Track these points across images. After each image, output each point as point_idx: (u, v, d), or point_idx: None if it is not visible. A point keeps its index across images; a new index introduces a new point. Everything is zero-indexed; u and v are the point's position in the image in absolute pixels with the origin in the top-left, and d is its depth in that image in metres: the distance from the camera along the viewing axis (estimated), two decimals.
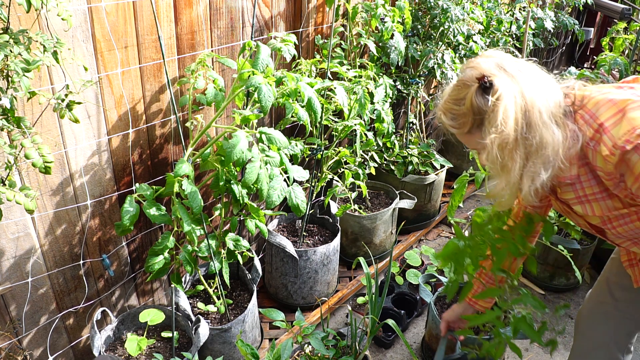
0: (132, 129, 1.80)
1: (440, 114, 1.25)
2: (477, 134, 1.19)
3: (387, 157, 2.95)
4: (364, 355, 1.94)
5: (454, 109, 1.21)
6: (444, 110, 1.24)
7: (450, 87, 1.24)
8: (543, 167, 1.16)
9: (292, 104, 1.71)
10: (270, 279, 2.53)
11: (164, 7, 1.71)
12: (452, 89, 1.23)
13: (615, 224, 1.28)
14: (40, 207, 1.64)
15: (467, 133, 1.21)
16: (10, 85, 1.18)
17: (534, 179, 1.17)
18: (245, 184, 1.58)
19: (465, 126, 1.20)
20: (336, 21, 2.37)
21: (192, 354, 1.79)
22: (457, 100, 1.21)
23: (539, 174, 1.16)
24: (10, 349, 1.69)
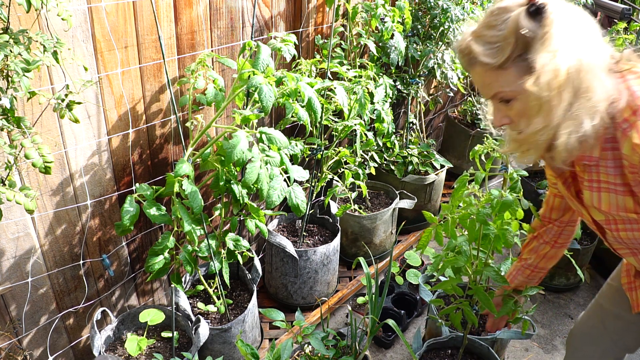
0: (132, 129, 1.80)
1: (470, 40, 1.04)
2: (511, 68, 1.00)
3: (387, 157, 2.95)
4: (364, 355, 1.94)
5: (490, 35, 1.01)
6: (477, 35, 1.03)
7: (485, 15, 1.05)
8: (588, 114, 1.00)
9: (292, 104, 1.71)
10: (270, 279, 2.53)
11: (164, 7, 1.71)
12: (487, 16, 1.04)
13: (620, 227, 1.19)
14: (40, 207, 1.64)
15: (499, 67, 1.00)
16: (10, 85, 1.18)
17: (577, 127, 1.00)
18: (246, 184, 1.58)
19: (502, 54, 0.99)
20: (336, 21, 2.37)
21: (192, 354, 1.79)
22: (495, 25, 1.01)
23: (581, 123, 1.00)
24: (10, 349, 1.69)
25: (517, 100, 1.02)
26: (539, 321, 2.65)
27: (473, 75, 1.06)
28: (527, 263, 1.60)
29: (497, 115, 1.08)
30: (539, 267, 1.60)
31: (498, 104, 1.06)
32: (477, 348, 1.96)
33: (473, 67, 1.04)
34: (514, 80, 1.00)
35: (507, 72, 1.01)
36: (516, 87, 1.00)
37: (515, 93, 1.01)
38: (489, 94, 1.06)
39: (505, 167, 2.22)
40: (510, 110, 1.05)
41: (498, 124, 1.08)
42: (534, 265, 1.60)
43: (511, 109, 1.04)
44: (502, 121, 1.08)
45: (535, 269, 1.61)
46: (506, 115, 1.07)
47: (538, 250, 1.57)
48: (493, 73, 1.02)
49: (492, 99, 1.06)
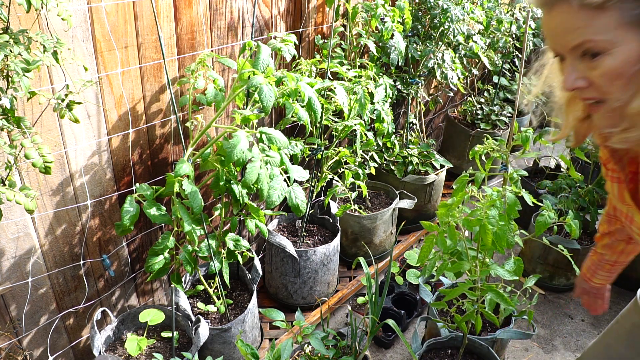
0: (132, 129, 1.80)
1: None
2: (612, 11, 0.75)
3: (387, 157, 2.95)
4: (364, 355, 1.94)
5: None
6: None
7: None
8: None
9: (292, 104, 1.71)
10: (270, 279, 2.53)
11: (164, 7, 1.71)
12: None
13: None
14: (40, 207, 1.64)
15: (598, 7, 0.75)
16: (10, 85, 1.18)
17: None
18: (246, 184, 1.58)
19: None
20: (336, 21, 2.37)
21: (192, 354, 1.79)
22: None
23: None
24: (10, 349, 1.69)
25: (609, 56, 0.77)
26: (539, 321, 2.65)
27: (551, 17, 0.81)
28: (604, 258, 1.44)
29: (570, 75, 0.82)
30: (619, 262, 1.43)
31: (577, 59, 0.81)
32: (477, 348, 1.96)
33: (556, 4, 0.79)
34: (613, 27, 0.76)
35: (605, 15, 0.75)
36: (614, 37, 0.76)
37: (609, 44, 0.76)
38: (571, 43, 0.80)
39: (505, 167, 2.23)
40: (594, 70, 0.80)
41: (570, 87, 0.83)
42: (613, 261, 1.44)
43: (596, 67, 0.79)
44: (575, 84, 0.83)
45: (615, 263, 1.44)
46: (584, 77, 0.81)
47: (613, 246, 1.41)
48: (586, 14, 0.76)
49: (573, 51, 0.81)
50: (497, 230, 1.51)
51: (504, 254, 1.62)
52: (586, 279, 1.51)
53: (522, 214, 1.79)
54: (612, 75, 0.78)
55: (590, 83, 0.82)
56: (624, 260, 1.42)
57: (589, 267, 1.50)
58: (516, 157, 2.31)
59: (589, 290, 1.53)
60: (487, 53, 3.24)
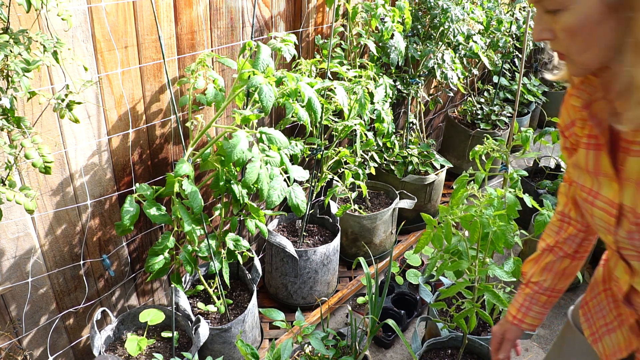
0: (132, 129, 1.80)
1: None
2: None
3: (387, 157, 2.95)
4: (364, 355, 1.94)
5: None
6: None
7: None
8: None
9: (292, 104, 1.71)
10: (270, 279, 2.53)
11: (164, 7, 1.71)
12: None
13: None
14: (40, 207, 1.64)
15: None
16: (10, 85, 1.18)
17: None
18: (246, 184, 1.58)
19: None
20: (336, 21, 2.37)
21: (192, 354, 1.79)
22: None
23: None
24: (10, 349, 1.69)
25: (567, 12, 0.79)
26: None
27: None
28: (542, 287, 1.26)
29: (537, 26, 0.86)
30: (556, 290, 1.27)
31: (543, 12, 0.85)
32: (477, 348, 1.96)
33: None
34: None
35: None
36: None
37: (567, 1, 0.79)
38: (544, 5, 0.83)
39: (505, 167, 2.23)
40: (556, 24, 0.82)
41: (537, 38, 0.87)
42: (551, 289, 1.26)
43: (557, 21, 0.82)
44: (541, 35, 0.86)
45: (553, 292, 1.27)
46: (549, 29, 0.84)
47: (554, 266, 1.25)
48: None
49: (537, 4, 0.85)
50: (497, 230, 1.51)
51: (503, 254, 1.62)
52: (515, 323, 1.30)
53: (522, 214, 1.78)
54: (570, 32, 0.80)
55: (554, 36, 0.84)
56: (563, 286, 1.27)
57: (521, 306, 1.29)
58: (516, 157, 2.31)
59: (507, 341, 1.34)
60: (487, 53, 3.24)
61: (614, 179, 0.92)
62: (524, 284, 1.30)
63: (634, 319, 1.06)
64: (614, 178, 0.92)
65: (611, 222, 0.95)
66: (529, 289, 1.28)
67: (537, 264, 1.27)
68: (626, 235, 0.93)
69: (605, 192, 0.94)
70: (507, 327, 1.33)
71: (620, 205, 0.92)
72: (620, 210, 0.92)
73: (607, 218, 0.96)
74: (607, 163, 0.93)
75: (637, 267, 0.99)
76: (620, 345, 1.10)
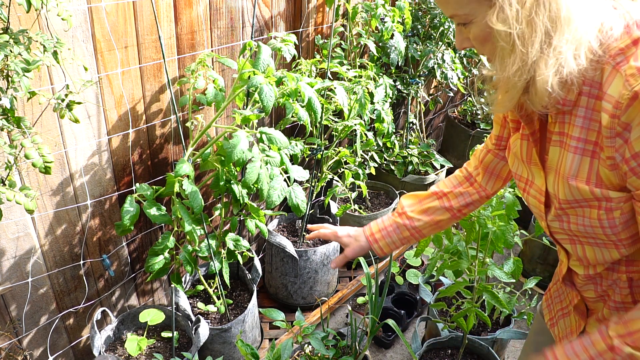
0: (132, 129, 1.80)
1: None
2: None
3: (387, 157, 2.95)
4: (364, 355, 1.94)
5: None
6: None
7: None
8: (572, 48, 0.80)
9: (292, 104, 1.71)
10: (270, 279, 2.53)
11: (164, 7, 1.71)
12: None
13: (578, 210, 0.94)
14: (40, 207, 1.64)
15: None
16: (10, 85, 1.18)
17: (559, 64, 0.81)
18: (246, 184, 1.58)
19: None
20: (336, 21, 2.37)
21: (192, 354, 1.79)
22: None
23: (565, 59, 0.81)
24: (10, 349, 1.69)
25: (473, 24, 0.88)
26: None
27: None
28: (413, 225, 1.28)
29: (458, 37, 0.95)
30: (421, 233, 1.30)
31: (457, 25, 0.93)
32: (477, 348, 1.96)
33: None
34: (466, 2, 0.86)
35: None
36: (470, 10, 0.86)
37: (470, 16, 0.87)
38: (447, 13, 0.92)
39: None
40: (469, 34, 0.91)
41: (460, 47, 0.96)
42: (418, 230, 1.29)
43: (469, 32, 0.91)
44: (462, 44, 0.95)
45: (417, 233, 1.29)
46: (466, 38, 0.93)
47: (434, 213, 1.27)
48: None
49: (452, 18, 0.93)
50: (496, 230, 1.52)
51: (503, 254, 1.62)
52: (370, 240, 1.31)
53: (521, 214, 1.79)
54: (480, 40, 0.89)
55: (471, 44, 0.94)
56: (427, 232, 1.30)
57: (384, 228, 1.30)
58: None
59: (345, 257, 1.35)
60: None
61: (541, 168, 0.99)
62: (398, 212, 1.31)
63: (577, 299, 1.12)
64: (541, 167, 0.99)
65: (541, 208, 1.02)
66: (400, 219, 1.30)
67: (420, 202, 1.29)
68: (554, 218, 1.00)
69: (537, 181, 1.01)
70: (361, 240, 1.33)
71: (547, 192, 0.99)
72: (547, 197, 1.00)
73: (538, 205, 1.03)
74: (535, 153, 1.00)
75: (570, 249, 1.04)
76: (572, 328, 1.16)
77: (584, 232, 0.96)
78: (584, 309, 1.13)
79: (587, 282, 1.07)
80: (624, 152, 0.81)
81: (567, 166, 0.91)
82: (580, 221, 0.94)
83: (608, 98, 0.81)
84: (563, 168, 0.92)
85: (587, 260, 1.02)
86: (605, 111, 0.81)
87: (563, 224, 0.99)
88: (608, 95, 0.80)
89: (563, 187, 0.93)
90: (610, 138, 0.82)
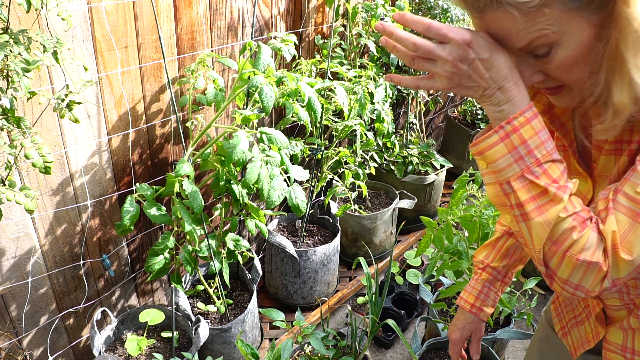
0: (132, 129, 1.80)
1: None
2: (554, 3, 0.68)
3: (387, 157, 2.95)
4: (364, 355, 1.94)
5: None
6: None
7: None
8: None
9: (292, 104, 1.71)
10: (270, 279, 2.53)
11: (164, 7, 1.71)
12: None
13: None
14: (40, 207, 1.64)
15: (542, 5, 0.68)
16: (10, 85, 1.18)
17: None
18: (246, 184, 1.57)
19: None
20: (336, 21, 2.37)
21: (192, 354, 1.79)
22: None
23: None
24: (10, 349, 1.69)
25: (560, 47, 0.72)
26: (538, 321, 2.65)
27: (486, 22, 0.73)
28: (501, 274, 1.23)
29: (526, 72, 0.77)
30: (508, 276, 1.24)
31: (528, 56, 0.76)
32: None
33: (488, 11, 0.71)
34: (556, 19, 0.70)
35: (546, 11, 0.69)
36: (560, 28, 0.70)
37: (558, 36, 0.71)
38: (517, 46, 0.74)
39: None
40: (549, 64, 0.75)
41: (529, 84, 0.79)
42: (504, 274, 1.23)
43: (550, 61, 0.75)
44: (533, 79, 0.79)
45: (505, 277, 1.23)
46: (540, 70, 0.78)
47: (516, 252, 1.22)
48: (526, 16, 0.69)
49: (520, 51, 0.75)
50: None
51: None
52: (474, 312, 1.24)
53: None
54: (568, 65, 0.75)
55: (547, 75, 0.79)
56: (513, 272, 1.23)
57: (479, 293, 1.23)
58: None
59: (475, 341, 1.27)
60: None
61: (587, 176, 0.92)
62: (480, 269, 1.24)
63: (600, 307, 1.07)
64: (586, 175, 0.93)
65: None
66: (486, 273, 1.22)
67: (495, 248, 1.22)
68: None
69: (581, 187, 0.93)
70: (467, 320, 1.25)
71: (591, 201, 0.92)
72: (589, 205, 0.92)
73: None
74: (575, 163, 0.93)
75: None
76: (588, 336, 1.11)
77: None
78: (603, 316, 1.07)
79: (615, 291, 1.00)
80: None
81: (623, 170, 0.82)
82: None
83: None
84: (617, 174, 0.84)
85: None
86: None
87: None
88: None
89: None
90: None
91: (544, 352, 1.28)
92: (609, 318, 1.07)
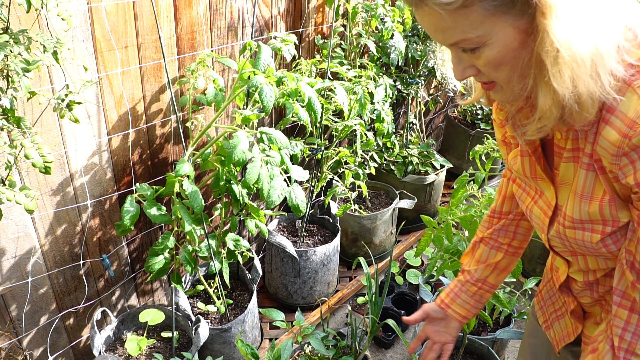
0: (132, 129, 1.80)
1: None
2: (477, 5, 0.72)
3: (387, 157, 2.95)
4: (364, 355, 1.94)
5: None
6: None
7: None
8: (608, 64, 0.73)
9: (292, 104, 1.71)
10: (270, 279, 2.53)
11: (164, 7, 1.71)
12: None
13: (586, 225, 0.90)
14: (40, 207, 1.64)
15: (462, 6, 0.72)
16: (10, 85, 1.18)
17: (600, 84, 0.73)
18: (246, 183, 1.57)
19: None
20: (336, 21, 2.37)
21: (192, 354, 1.79)
22: None
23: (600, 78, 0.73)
24: (10, 349, 1.69)
25: (487, 47, 0.77)
26: None
27: (420, 16, 0.78)
28: (473, 277, 1.26)
29: (458, 66, 0.83)
30: (487, 283, 1.25)
31: (460, 52, 0.81)
32: (477, 348, 1.96)
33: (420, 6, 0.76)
34: (480, 21, 0.74)
35: (469, 12, 0.73)
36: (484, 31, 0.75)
37: (483, 38, 0.75)
38: (447, 41, 0.79)
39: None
40: (478, 60, 0.80)
41: (460, 78, 0.84)
42: (482, 280, 1.25)
43: (478, 57, 0.79)
44: (464, 74, 0.83)
45: (484, 284, 1.25)
46: (471, 65, 0.82)
47: (488, 259, 1.24)
48: (451, 16, 0.74)
49: (452, 47, 0.81)
50: None
51: None
52: (442, 307, 1.29)
53: None
54: (494, 64, 0.79)
55: (478, 71, 0.83)
56: (494, 281, 1.25)
57: (450, 291, 1.29)
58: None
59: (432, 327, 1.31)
60: None
61: (549, 182, 0.96)
62: (460, 272, 1.30)
63: (575, 304, 1.11)
64: (549, 181, 0.96)
65: (545, 222, 0.98)
66: (462, 276, 1.28)
67: (472, 254, 1.28)
68: (555, 234, 0.96)
69: (547, 193, 0.97)
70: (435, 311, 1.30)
71: (555, 206, 0.96)
72: (555, 211, 0.96)
73: (542, 217, 0.99)
74: (539, 169, 0.96)
75: (572, 260, 1.03)
76: (568, 330, 1.15)
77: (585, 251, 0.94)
78: (580, 313, 1.11)
79: (585, 289, 1.05)
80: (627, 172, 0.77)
81: (580, 183, 0.86)
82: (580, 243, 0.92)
83: (619, 114, 0.75)
84: (576, 184, 0.87)
85: (587, 266, 1.01)
86: (614, 127, 0.75)
87: (564, 242, 0.95)
88: (619, 111, 0.75)
89: (573, 204, 0.89)
90: (616, 156, 0.77)
91: (535, 347, 1.31)
92: (587, 313, 1.11)
